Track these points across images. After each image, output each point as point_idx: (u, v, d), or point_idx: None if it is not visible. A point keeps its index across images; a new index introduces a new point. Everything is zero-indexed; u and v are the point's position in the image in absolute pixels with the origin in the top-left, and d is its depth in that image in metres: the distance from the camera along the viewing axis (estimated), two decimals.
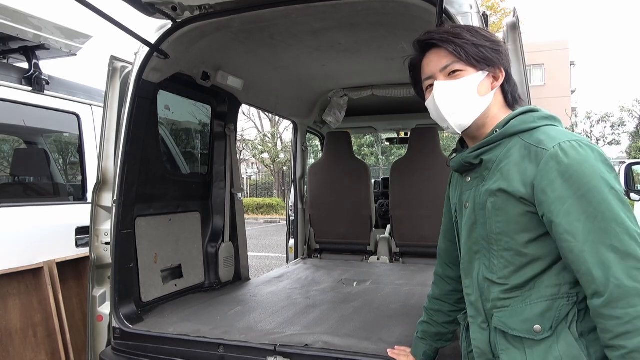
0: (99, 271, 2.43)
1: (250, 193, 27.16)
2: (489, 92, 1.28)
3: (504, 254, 1.23)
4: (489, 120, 1.29)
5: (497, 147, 1.25)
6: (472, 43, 1.26)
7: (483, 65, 1.27)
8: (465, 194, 1.35)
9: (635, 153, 21.52)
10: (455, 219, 1.44)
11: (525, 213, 1.18)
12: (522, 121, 1.24)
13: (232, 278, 3.26)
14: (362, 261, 4.26)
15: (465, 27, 1.33)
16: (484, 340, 1.31)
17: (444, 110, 1.29)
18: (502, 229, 1.22)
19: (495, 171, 1.24)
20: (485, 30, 1.34)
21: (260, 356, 1.92)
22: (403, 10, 2.13)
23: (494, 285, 1.26)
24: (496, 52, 1.28)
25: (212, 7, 2.24)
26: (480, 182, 1.29)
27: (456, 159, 1.36)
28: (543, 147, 1.15)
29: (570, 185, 1.10)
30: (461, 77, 1.27)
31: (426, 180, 3.94)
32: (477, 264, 1.31)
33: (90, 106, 3.40)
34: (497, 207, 1.22)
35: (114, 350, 2.23)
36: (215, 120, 3.31)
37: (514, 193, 1.18)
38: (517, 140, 1.22)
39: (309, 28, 2.60)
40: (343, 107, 4.38)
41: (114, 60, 2.47)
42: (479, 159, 1.28)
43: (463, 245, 1.37)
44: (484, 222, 1.27)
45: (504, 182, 1.20)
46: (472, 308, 1.35)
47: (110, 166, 2.43)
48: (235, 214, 3.34)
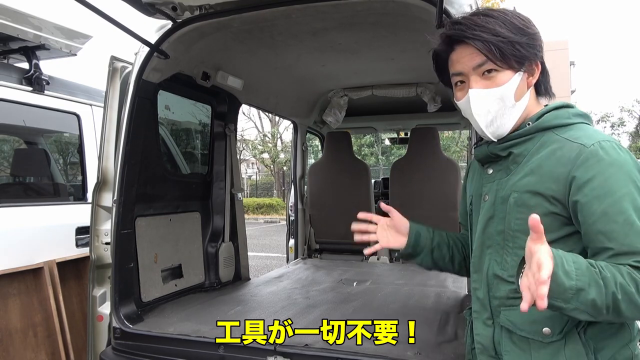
0: (99, 271, 2.43)
1: (250, 193, 27.16)
2: (526, 93, 1.22)
3: (519, 252, 1.16)
4: (523, 119, 1.23)
5: (528, 140, 1.19)
6: (509, 40, 1.14)
7: (520, 64, 1.17)
8: (486, 187, 1.28)
9: (635, 153, 21.54)
10: (470, 211, 1.38)
11: (549, 214, 1.12)
12: (556, 116, 1.19)
13: (232, 278, 3.26)
14: (362, 261, 4.26)
15: (500, 18, 1.18)
16: (487, 336, 1.28)
17: (480, 120, 1.21)
18: (521, 227, 1.16)
19: (525, 166, 1.18)
20: (521, 19, 1.20)
21: (260, 356, 1.92)
22: (403, 10, 2.13)
23: (504, 282, 1.22)
24: (532, 46, 1.18)
25: (212, 7, 2.24)
26: (505, 175, 1.23)
27: (481, 148, 1.29)
28: (581, 143, 1.10)
29: (610, 186, 1.06)
30: (499, 81, 1.17)
31: (426, 180, 3.94)
32: (488, 259, 1.27)
33: (90, 106, 3.40)
34: (520, 204, 1.16)
35: (114, 350, 2.23)
36: (215, 120, 3.31)
37: (544, 191, 1.13)
38: (550, 135, 1.17)
39: (309, 28, 2.60)
40: (343, 107, 4.38)
41: (114, 60, 2.47)
42: (508, 151, 1.22)
43: (476, 239, 1.31)
44: (503, 216, 1.21)
45: (533, 178, 1.15)
46: (478, 303, 1.32)
47: (110, 166, 2.43)
48: (235, 214, 3.34)
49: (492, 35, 1.14)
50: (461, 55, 1.21)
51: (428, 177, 3.92)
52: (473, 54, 1.18)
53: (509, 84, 1.18)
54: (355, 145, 19.15)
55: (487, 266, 1.27)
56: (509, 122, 1.21)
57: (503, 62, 1.16)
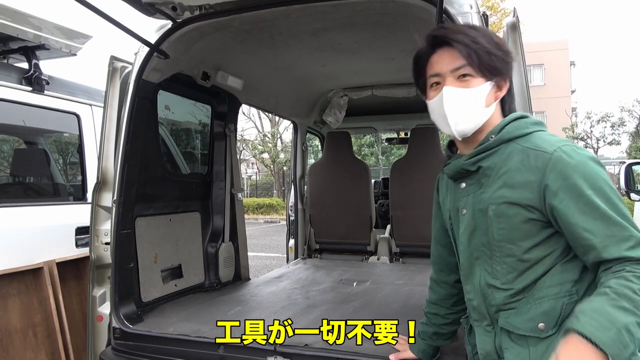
0: (99, 271, 2.43)
1: (250, 193, 27.16)
2: (493, 103, 1.30)
3: (507, 259, 1.24)
4: (486, 127, 1.31)
5: (494, 153, 1.27)
6: (486, 50, 1.24)
7: (492, 75, 1.27)
8: (461, 201, 1.35)
9: (635, 153, 21.51)
10: (451, 225, 1.45)
11: (528, 220, 1.20)
12: (517, 127, 1.26)
13: (232, 278, 3.26)
14: (362, 261, 4.26)
15: (481, 31, 1.31)
16: (489, 342, 1.32)
17: (450, 116, 1.27)
18: (504, 236, 1.23)
19: (496, 178, 1.25)
20: (498, 37, 1.33)
21: (260, 356, 1.92)
22: (403, 10, 2.13)
23: (498, 290, 1.27)
24: (506, 63, 1.28)
25: (212, 7, 2.24)
26: (478, 188, 1.30)
27: (451, 165, 1.37)
28: (544, 151, 1.18)
29: (580, 186, 1.13)
30: (471, 84, 1.26)
31: (426, 180, 3.91)
32: (478, 269, 1.32)
33: (90, 106, 3.39)
34: (499, 214, 1.23)
35: (114, 350, 2.23)
36: (215, 120, 3.31)
37: (520, 200, 1.20)
38: (513, 145, 1.24)
39: (309, 28, 2.60)
40: (343, 107, 4.38)
41: (114, 60, 2.47)
42: (477, 165, 1.29)
43: (462, 251, 1.37)
44: (485, 228, 1.27)
45: (507, 190, 1.22)
46: (475, 312, 1.36)
47: (110, 166, 2.43)
48: (235, 214, 3.34)
49: (473, 42, 1.24)
50: (442, 57, 1.29)
51: (428, 177, 3.89)
52: (453, 57, 1.27)
53: (482, 87, 1.27)
54: (355, 145, 19.16)
55: (479, 277, 1.32)
56: (475, 123, 1.29)
57: (479, 69, 1.25)
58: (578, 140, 23.87)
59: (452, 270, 1.55)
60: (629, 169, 4.85)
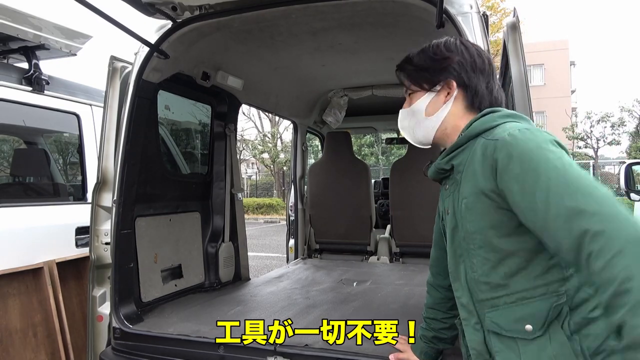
0: (99, 271, 2.43)
1: (250, 193, 27.17)
2: (440, 109, 1.39)
3: (479, 251, 1.26)
4: (451, 130, 1.38)
5: (464, 150, 1.31)
6: (416, 69, 1.42)
7: (428, 86, 1.40)
8: (445, 201, 1.40)
9: (635, 153, 21.53)
10: (443, 227, 1.48)
11: (495, 209, 1.21)
12: (483, 122, 1.29)
13: (232, 278, 3.26)
14: (362, 261, 4.26)
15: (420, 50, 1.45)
16: (479, 341, 1.32)
17: (403, 132, 1.51)
18: (475, 227, 1.25)
19: (467, 174, 1.28)
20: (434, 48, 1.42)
21: (260, 356, 1.92)
22: (403, 10, 2.13)
23: (480, 283, 1.28)
24: (442, 69, 1.38)
25: (212, 7, 2.24)
26: (456, 187, 1.33)
27: (431, 168, 1.44)
28: (496, 138, 1.20)
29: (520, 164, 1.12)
30: (412, 100, 1.44)
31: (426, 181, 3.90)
32: (463, 266, 1.34)
33: (90, 106, 3.39)
34: (470, 207, 1.26)
35: (114, 350, 2.23)
36: (215, 120, 3.31)
37: (483, 189, 1.22)
38: (480, 140, 1.26)
39: (309, 28, 2.60)
40: (343, 107, 4.38)
41: (114, 60, 2.47)
42: (450, 164, 1.34)
43: (448, 249, 1.40)
44: (462, 223, 1.30)
45: (474, 181, 1.24)
46: (464, 310, 1.37)
47: (110, 166, 2.43)
48: (235, 214, 3.34)
49: (408, 64, 1.45)
50: None
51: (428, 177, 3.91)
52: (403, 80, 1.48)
53: (419, 102, 1.42)
54: (355, 145, 19.16)
55: (464, 273, 1.34)
56: (422, 132, 1.45)
57: (414, 86, 1.43)
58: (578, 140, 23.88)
59: (448, 274, 1.56)
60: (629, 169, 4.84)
